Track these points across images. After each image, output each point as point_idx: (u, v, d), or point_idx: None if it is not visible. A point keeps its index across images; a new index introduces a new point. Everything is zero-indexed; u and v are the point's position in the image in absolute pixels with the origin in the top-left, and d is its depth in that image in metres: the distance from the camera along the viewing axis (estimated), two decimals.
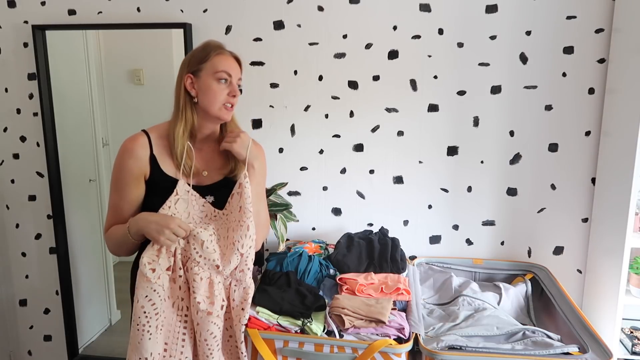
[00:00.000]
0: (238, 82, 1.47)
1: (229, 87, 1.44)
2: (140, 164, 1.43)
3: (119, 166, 1.44)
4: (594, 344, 1.45)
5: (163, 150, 1.45)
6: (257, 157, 1.47)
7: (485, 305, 1.73)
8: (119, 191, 1.45)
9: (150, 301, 1.35)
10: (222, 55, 1.45)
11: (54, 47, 2.17)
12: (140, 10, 2.08)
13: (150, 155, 1.44)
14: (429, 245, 2.13)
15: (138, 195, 1.45)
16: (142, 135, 1.46)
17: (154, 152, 1.44)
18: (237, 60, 1.48)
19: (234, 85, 1.45)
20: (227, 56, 1.46)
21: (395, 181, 2.10)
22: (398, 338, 1.47)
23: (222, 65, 1.43)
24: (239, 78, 1.47)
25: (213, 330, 1.39)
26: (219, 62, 1.43)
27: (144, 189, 1.46)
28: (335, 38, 2.02)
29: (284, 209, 1.97)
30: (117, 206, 1.46)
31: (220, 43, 1.48)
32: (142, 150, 1.43)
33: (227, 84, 1.44)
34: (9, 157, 2.30)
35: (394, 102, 2.03)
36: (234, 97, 1.45)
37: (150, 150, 1.44)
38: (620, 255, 1.75)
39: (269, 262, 1.82)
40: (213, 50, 1.45)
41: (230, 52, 1.48)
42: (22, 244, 2.37)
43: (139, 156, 1.43)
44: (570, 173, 1.99)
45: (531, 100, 1.96)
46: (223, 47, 1.47)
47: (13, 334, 2.47)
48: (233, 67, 1.45)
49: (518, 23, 1.91)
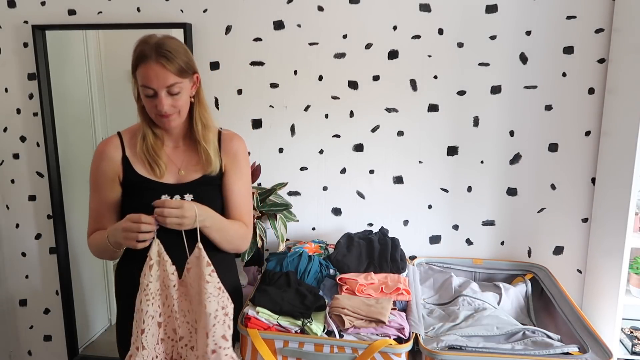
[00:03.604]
0: (169, 90, 1.33)
1: (156, 101, 1.33)
2: (112, 166, 1.42)
3: (94, 169, 1.44)
4: (594, 344, 1.45)
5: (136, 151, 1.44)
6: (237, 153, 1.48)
7: (485, 305, 1.73)
8: (96, 194, 1.45)
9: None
10: (144, 66, 1.31)
11: (54, 47, 2.17)
12: (140, 10, 2.08)
13: (123, 156, 1.43)
14: (429, 245, 2.13)
15: (114, 198, 1.44)
16: (115, 137, 1.45)
17: (126, 153, 1.43)
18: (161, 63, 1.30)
19: (160, 99, 1.32)
20: (149, 65, 1.30)
21: (395, 181, 2.10)
22: (398, 338, 1.46)
23: (144, 79, 1.32)
24: (167, 86, 1.32)
25: None
26: (142, 76, 1.32)
27: (119, 191, 1.44)
28: (335, 38, 2.01)
29: (284, 209, 1.97)
30: (96, 210, 1.47)
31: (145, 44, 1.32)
32: (114, 151, 1.43)
33: (154, 98, 1.33)
34: (9, 157, 2.30)
35: (394, 102, 2.03)
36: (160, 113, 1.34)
37: (122, 152, 1.43)
38: (620, 255, 1.74)
39: (269, 262, 1.82)
40: (137, 60, 1.33)
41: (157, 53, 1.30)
42: (22, 244, 2.37)
43: (111, 158, 1.42)
44: (570, 173, 1.99)
45: (531, 100, 1.96)
46: (147, 51, 1.31)
47: (13, 334, 2.47)
48: (154, 78, 1.31)
49: (518, 23, 1.91)
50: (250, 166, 1.57)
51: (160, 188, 1.42)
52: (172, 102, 1.35)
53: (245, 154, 1.52)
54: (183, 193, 1.43)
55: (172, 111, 1.36)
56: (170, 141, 1.47)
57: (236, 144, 1.50)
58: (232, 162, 1.48)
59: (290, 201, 2.07)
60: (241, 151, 1.50)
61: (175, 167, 1.45)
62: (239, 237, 1.49)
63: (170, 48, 1.32)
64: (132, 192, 1.43)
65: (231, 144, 1.49)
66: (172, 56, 1.31)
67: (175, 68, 1.32)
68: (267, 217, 1.97)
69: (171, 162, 1.45)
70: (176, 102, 1.35)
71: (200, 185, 1.45)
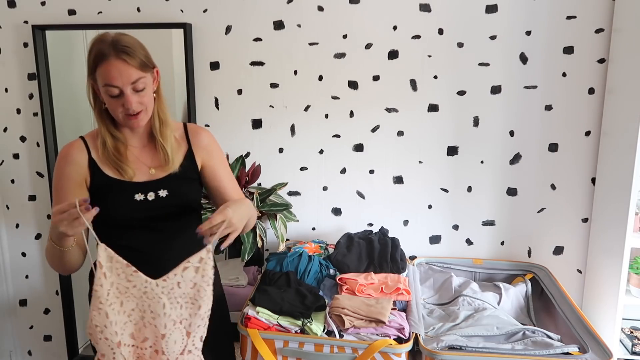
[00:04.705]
0: (134, 86, 1.28)
1: (122, 100, 1.28)
2: (79, 169, 1.35)
3: (58, 175, 1.36)
4: (594, 344, 1.45)
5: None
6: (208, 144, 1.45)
7: (485, 305, 1.73)
8: (59, 201, 1.33)
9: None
10: (105, 64, 1.26)
11: (54, 47, 2.17)
12: (140, 10, 2.08)
13: (89, 159, 1.37)
14: (429, 245, 2.13)
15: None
16: (78, 140, 1.40)
17: (92, 155, 1.37)
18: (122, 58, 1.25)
19: (127, 97, 1.27)
20: (110, 62, 1.26)
21: (395, 181, 2.10)
22: (398, 338, 1.47)
23: (106, 78, 1.26)
24: (132, 82, 1.27)
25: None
26: (103, 76, 1.27)
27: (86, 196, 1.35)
28: (335, 38, 2.01)
29: (284, 209, 1.97)
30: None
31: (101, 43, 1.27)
32: (79, 154, 1.36)
33: (119, 98, 1.28)
34: (9, 157, 2.30)
35: (394, 102, 2.03)
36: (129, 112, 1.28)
37: (88, 154, 1.37)
38: (620, 255, 1.74)
39: (269, 262, 1.82)
40: (95, 59, 1.28)
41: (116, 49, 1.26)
42: (22, 244, 2.37)
43: (77, 161, 1.36)
44: (570, 173, 1.99)
45: (531, 100, 1.96)
46: (105, 49, 1.26)
47: (13, 334, 2.47)
48: (117, 76, 1.26)
49: (518, 23, 1.91)
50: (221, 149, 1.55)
51: (131, 187, 1.36)
52: (138, 99, 1.30)
53: (214, 140, 1.50)
54: (157, 190, 1.38)
55: (139, 108, 1.31)
56: (135, 141, 1.42)
57: (204, 136, 1.47)
58: (208, 155, 1.46)
59: (290, 201, 2.07)
60: (211, 141, 1.48)
61: (145, 167, 1.40)
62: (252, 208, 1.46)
63: (128, 44, 1.28)
64: (103, 194, 1.36)
65: (199, 138, 1.46)
66: (132, 51, 1.27)
67: (137, 62, 1.28)
68: (267, 217, 1.97)
69: (139, 162, 1.40)
70: (142, 99, 1.31)
71: (174, 180, 1.40)
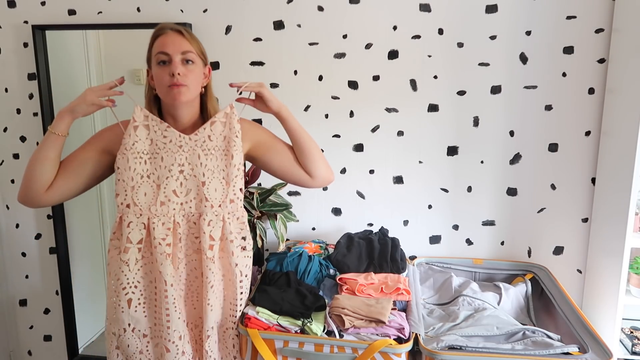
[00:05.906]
0: (184, 57, 1.35)
1: (169, 68, 1.34)
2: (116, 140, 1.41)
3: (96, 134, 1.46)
4: (594, 344, 1.45)
5: None
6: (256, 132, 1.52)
7: (485, 305, 1.73)
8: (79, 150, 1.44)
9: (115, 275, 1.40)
10: (160, 37, 1.36)
11: (54, 47, 2.17)
12: (140, 10, 2.08)
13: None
14: (429, 245, 2.13)
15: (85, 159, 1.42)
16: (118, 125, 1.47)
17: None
18: (180, 32, 1.36)
19: (174, 63, 1.33)
20: (165, 35, 1.35)
21: (395, 181, 2.10)
22: (398, 338, 1.46)
23: (158, 47, 1.35)
24: (182, 52, 1.34)
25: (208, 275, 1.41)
26: (156, 46, 1.35)
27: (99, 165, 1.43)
28: (335, 38, 2.01)
29: (284, 209, 1.97)
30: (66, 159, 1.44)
31: (164, 24, 1.38)
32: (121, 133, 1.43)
33: (168, 65, 1.34)
34: (9, 157, 2.30)
35: (394, 102, 2.03)
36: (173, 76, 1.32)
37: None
38: (620, 255, 1.75)
39: (269, 262, 1.82)
40: (154, 35, 1.37)
41: (172, 26, 1.37)
42: (22, 244, 2.37)
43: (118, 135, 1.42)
44: (570, 173, 1.99)
45: (531, 100, 1.96)
46: (164, 26, 1.37)
47: (13, 334, 2.47)
48: (170, 44, 1.34)
49: (518, 23, 1.91)
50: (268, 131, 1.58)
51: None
52: (185, 71, 1.34)
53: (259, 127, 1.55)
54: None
55: (184, 81, 1.34)
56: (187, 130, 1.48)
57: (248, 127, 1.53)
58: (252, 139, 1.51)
59: (290, 201, 2.07)
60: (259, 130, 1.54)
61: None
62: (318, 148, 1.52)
63: (189, 30, 1.40)
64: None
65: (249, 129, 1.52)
66: (190, 33, 1.39)
67: (191, 39, 1.37)
68: (267, 217, 1.97)
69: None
70: (189, 73, 1.35)
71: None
